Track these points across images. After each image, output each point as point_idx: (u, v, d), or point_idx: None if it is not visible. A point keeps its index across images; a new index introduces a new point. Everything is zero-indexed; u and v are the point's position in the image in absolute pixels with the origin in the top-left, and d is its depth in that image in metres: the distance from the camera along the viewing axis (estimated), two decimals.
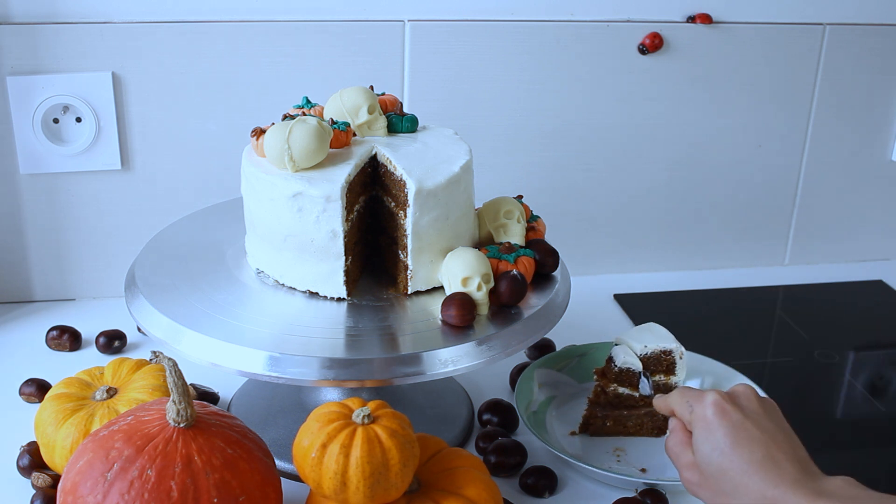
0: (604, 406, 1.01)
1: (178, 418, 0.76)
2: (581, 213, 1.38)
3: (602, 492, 0.95)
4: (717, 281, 1.42)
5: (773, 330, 1.30)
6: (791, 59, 1.35)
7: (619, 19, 1.28)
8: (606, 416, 1.01)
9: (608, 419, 1.01)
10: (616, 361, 1.00)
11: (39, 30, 1.14)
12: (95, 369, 0.96)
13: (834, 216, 1.48)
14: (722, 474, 0.78)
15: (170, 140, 1.22)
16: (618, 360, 1.00)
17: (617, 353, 1.00)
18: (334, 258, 0.89)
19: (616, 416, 1.01)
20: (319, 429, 0.77)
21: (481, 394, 1.10)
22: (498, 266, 0.91)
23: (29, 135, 1.18)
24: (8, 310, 1.25)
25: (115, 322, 1.19)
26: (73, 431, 0.87)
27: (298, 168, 0.89)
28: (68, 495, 0.74)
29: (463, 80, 1.26)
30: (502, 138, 1.30)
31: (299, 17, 1.20)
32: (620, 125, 1.34)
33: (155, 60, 1.18)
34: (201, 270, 0.96)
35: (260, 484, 0.77)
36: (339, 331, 0.87)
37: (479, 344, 0.86)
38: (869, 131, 1.43)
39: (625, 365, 0.99)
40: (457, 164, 0.92)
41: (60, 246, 1.24)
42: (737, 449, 0.78)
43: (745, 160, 1.40)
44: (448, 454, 0.84)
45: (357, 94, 0.97)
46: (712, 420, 0.80)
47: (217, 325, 0.87)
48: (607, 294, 1.36)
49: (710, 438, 0.79)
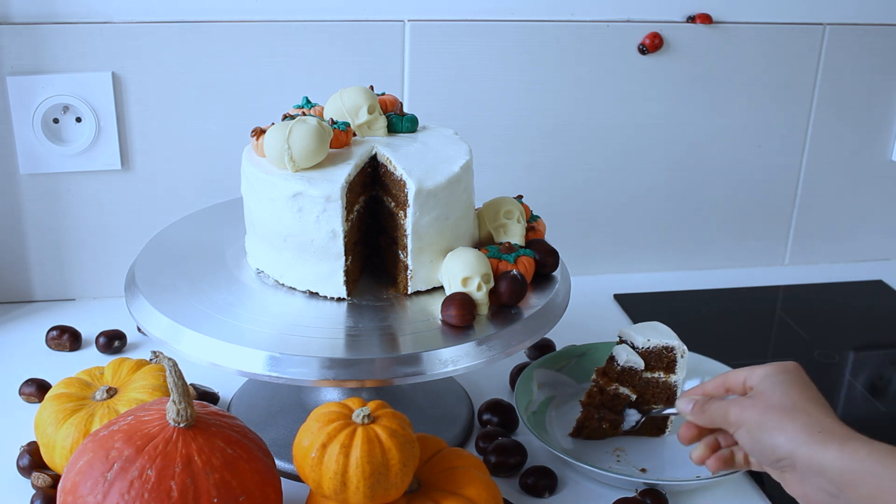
0: (599, 407, 1.00)
1: (178, 418, 0.76)
2: (581, 213, 1.38)
3: (602, 492, 0.95)
4: (717, 281, 1.42)
5: (773, 330, 1.30)
6: (791, 59, 1.36)
7: (619, 19, 1.28)
8: (603, 417, 1.00)
9: (604, 421, 1.00)
10: (619, 360, 0.99)
11: (39, 30, 1.14)
12: (95, 369, 0.96)
13: (834, 216, 1.48)
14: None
15: (170, 140, 1.22)
16: (620, 358, 0.99)
17: (619, 352, 0.99)
18: (334, 258, 0.89)
19: (613, 419, 1.00)
20: (319, 429, 0.77)
21: (481, 394, 1.10)
22: (498, 266, 0.91)
23: (29, 135, 1.18)
24: (8, 310, 1.25)
25: (115, 322, 1.19)
26: (73, 431, 0.87)
27: (298, 168, 0.89)
28: (68, 495, 0.74)
29: (463, 80, 1.26)
30: (502, 138, 1.30)
31: (299, 17, 1.20)
32: (620, 125, 1.34)
33: (155, 60, 1.18)
34: (201, 270, 0.96)
35: (260, 484, 0.77)
36: (339, 331, 0.87)
37: (479, 344, 0.86)
38: (869, 131, 1.43)
39: (627, 364, 0.98)
40: (457, 164, 0.92)
41: (60, 246, 1.24)
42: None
43: (745, 160, 1.40)
44: (448, 454, 0.84)
45: (357, 94, 0.97)
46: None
47: (217, 325, 0.87)
48: (607, 294, 1.36)
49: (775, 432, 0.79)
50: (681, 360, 1.00)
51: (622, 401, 1.00)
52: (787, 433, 0.76)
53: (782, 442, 0.76)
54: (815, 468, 0.75)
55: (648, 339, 0.99)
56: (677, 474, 0.96)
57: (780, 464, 0.78)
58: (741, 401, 0.82)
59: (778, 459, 0.77)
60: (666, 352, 0.99)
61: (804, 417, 0.77)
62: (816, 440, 0.75)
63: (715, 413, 0.83)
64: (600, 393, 1.00)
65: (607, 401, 1.00)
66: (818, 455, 0.74)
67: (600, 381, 1.00)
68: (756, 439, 0.79)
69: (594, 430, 1.00)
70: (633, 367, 0.99)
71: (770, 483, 0.97)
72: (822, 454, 0.74)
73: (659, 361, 1.00)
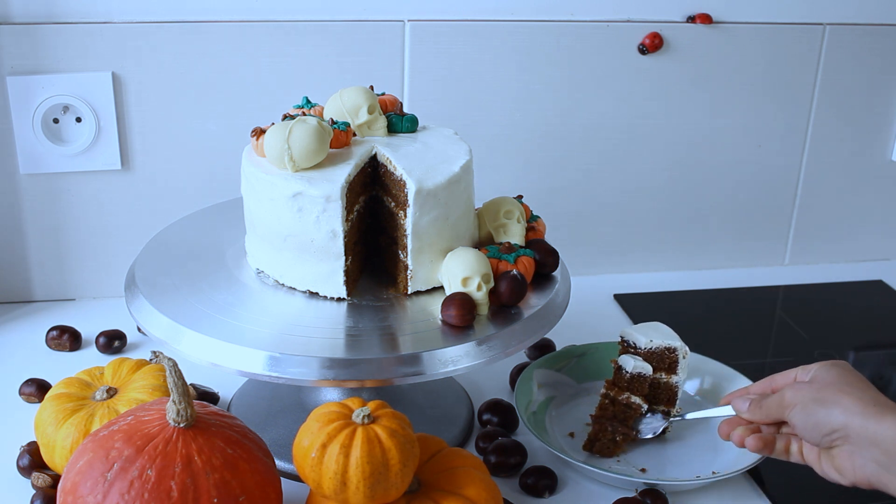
0: (611, 419, 0.97)
1: (178, 418, 0.76)
2: (581, 213, 1.38)
3: (602, 492, 0.95)
4: (717, 281, 1.42)
5: (773, 330, 1.30)
6: (791, 59, 1.36)
7: (619, 19, 1.28)
8: (616, 430, 0.97)
9: (617, 433, 0.97)
10: (626, 368, 0.97)
11: (39, 30, 1.14)
12: (95, 369, 0.96)
13: (834, 216, 1.48)
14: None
15: (170, 140, 1.22)
16: (628, 366, 0.97)
17: (626, 361, 0.97)
18: (334, 258, 0.89)
19: (625, 431, 0.97)
20: (319, 429, 0.77)
21: (481, 394, 1.10)
22: (498, 266, 0.91)
23: (29, 135, 1.18)
24: (8, 310, 1.25)
25: (115, 322, 1.19)
26: (73, 431, 0.87)
27: (298, 168, 0.89)
28: (68, 495, 0.74)
29: (463, 80, 1.26)
30: (502, 138, 1.30)
31: (299, 17, 1.20)
32: (620, 125, 1.34)
33: (155, 60, 1.18)
34: (201, 270, 0.96)
35: (260, 484, 0.77)
36: (339, 331, 0.87)
37: (479, 344, 0.86)
38: (869, 131, 1.43)
39: (636, 370, 0.97)
40: (457, 164, 0.92)
41: (60, 246, 1.24)
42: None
43: (745, 160, 1.40)
44: (448, 454, 0.84)
45: (357, 94, 0.97)
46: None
47: (217, 325, 0.87)
48: (607, 294, 1.36)
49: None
50: (682, 361, 1.00)
51: (634, 411, 0.98)
52: (842, 406, 0.80)
53: (837, 413, 0.80)
54: (870, 438, 0.78)
55: (651, 340, 0.99)
56: (677, 474, 0.96)
57: (832, 436, 0.80)
58: (796, 384, 0.85)
59: (831, 432, 0.80)
60: (668, 352, 0.99)
61: (859, 393, 0.80)
62: (871, 412, 0.78)
63: (771, 403, 0.86)
64: (612, 404, 0.97)
65: (619, 412, 0.97)
66: (873, 426, 0.77)
67: (610, 393, 0.98)
68: (810, 413, 0.82)
69: (607, 444, 0.98)
70: (643, 374, 0.97)
71: (770, 483, 0.97)
72: (878, 425, 0.77)
73: (661, 362, 1.00)
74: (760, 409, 0.87)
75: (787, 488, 0.96)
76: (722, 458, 0.98)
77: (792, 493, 0.96)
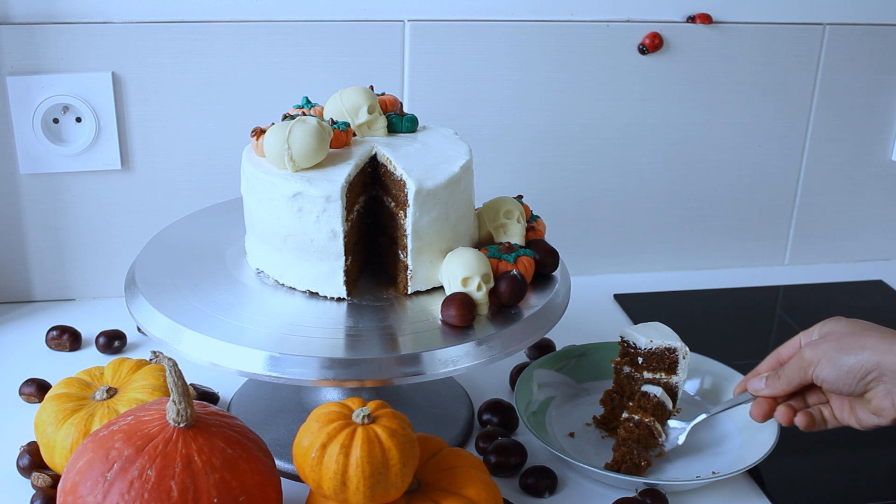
0: (637, 443, 0.95)
1: (178, 418, 0.76)
2: (581, 213, 1.38)
3: (602, 492, 0.95)
4: (717, 281, 1.42)
5: (773, 330, 1.30)
6: (791, 59, 1.36)
7: (619, 19, 1.28)
8: (641, 455, 0.94)
9: (642, 458, 0.94)
10: (653, 393, 0.97)
11: (39, 30, 1.14)
12: (95, 369, 0.96)
13: (834, 216, 1.48)
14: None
15: (170, 140, 1.22)
16: (656, 392, 0.97)
17: (652, 389, 0.97)
18: (334, 258, 0.89)
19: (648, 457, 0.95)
20: (319, 429, 0.77)
21: (481, 394, 1.10)
22: (498, 266, 0.91)
23: (29, 135, 1.18)
24: (8, 310, 1.25)
25: (115, 322, 1.19)
26: (73, 431, 0.87)
27: (298, 168, 0.89)
28: (68, 495, 0.74)
29: (463, 80, 1.26)
30: (502, 138, 1.30)
31: (299, 17, 1.20)
32: (620, 125, 1.34)
33: (155, 60, 1.18)
34: (201, 270, 0.96)
35: (260, 484, 0.77)
36: (339, 331, 0.87)
37: (479, 344, 0.86)
38: (869, 131, 1.43)
39: (661, 399, 0.97)
40: (457, 164, 0.92)
41: (60, 246, 1.24)
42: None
43: (745, 160, 1.40)
44: (448, 454, 0.84)
45: (357, 94, 0.97)
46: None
47: (217, 325, 0.87)
48: (607, 294, 1.36)
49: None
50: (682, 362, 1.00)
51: (655, 438, 0.97)
52: (869, 347, 0.80)
53: (868, 356, 0.80)
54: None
55: (651, 340, 0.99)
56: (677, 474, 0.96)
57: (867, 379, 0.80)
58: (811, 343, 0.85)
59: (865, 374, 0.80)
60: (668, 353, 0.99)
61: (879, 334, 0.81)
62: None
63: (790, 370, 0.85)
64: (637, 427, 0.96)
65: (644, 437, 0.96)
66: None
67: (635, 416, 0.96)
68: (838, 364, 0.81)
69: (630, 469, 0.95)
70: (664, 405, 0.98)
71: (770, 483, 0.97)
72: None
73: (661, 362, 1.00)
74: (780, 380, 0.86)
75: (787, 488, 0.96)
76: (722, 458, 0.98)
77: (792, 493, 0.96)
